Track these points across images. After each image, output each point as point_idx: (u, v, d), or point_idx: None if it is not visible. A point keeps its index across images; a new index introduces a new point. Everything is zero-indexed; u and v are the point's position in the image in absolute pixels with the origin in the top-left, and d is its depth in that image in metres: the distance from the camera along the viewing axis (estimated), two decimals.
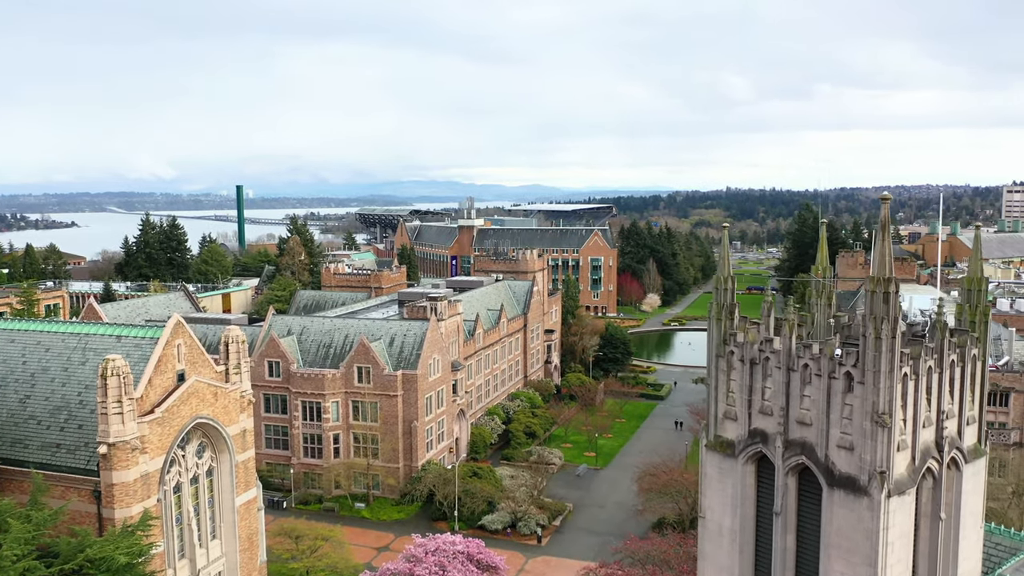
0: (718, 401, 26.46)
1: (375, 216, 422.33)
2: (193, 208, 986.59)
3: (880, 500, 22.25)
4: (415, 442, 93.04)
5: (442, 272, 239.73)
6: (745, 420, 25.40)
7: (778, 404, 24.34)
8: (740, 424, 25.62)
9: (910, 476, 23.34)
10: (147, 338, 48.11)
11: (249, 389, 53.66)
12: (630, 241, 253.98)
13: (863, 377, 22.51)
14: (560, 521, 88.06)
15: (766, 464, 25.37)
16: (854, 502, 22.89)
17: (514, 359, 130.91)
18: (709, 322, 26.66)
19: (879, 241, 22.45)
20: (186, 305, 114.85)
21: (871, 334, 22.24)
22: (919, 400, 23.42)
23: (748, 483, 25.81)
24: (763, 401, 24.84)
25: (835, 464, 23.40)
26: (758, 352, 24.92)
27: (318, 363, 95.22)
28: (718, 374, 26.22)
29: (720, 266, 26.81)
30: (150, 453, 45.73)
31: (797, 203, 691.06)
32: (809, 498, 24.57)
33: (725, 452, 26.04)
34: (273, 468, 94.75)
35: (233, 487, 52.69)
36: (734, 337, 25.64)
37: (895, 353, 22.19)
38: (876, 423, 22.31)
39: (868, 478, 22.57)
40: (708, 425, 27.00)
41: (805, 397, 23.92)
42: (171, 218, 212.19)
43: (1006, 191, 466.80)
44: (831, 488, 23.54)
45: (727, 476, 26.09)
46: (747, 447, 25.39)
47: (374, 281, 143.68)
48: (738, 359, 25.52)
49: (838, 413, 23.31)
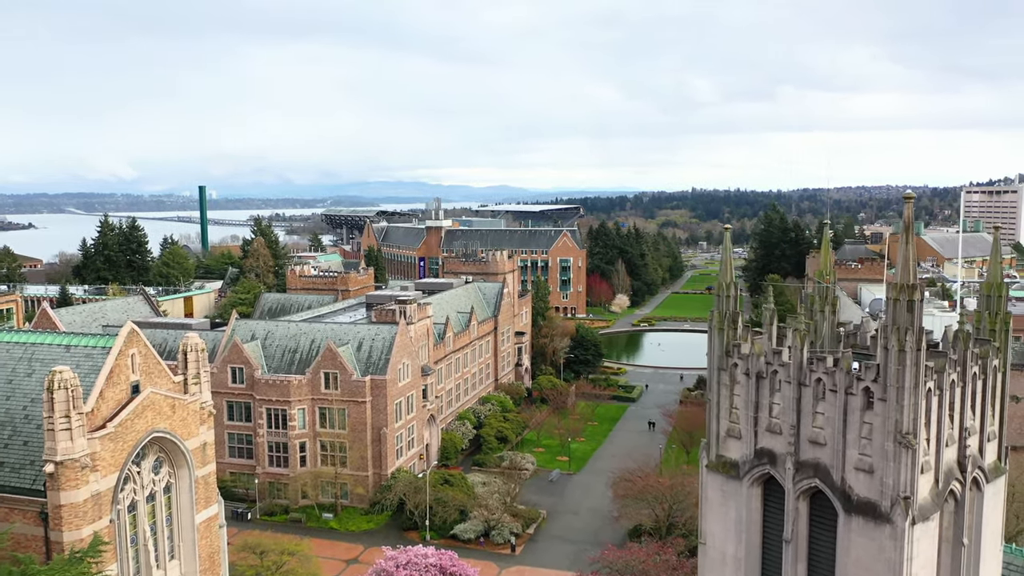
0: (720, 418, 24.33)
1: (341, 217, 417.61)
2: (155, 209, 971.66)
3: (904, 528, 20.28)
4: (384, 449, 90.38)
5: (410, 274, 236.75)
6: (751, 439, 23.33)
7: (788, 422, 22.29)
8: (745, 443, 23.54)
9: (934, 500, 21.41)
10: (98, 348, 45.03)
11: (209, 400, 50.72)
12: (599, 242, 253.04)
13: (885, 393, 20.53)
14: (534, 529, 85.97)
15: (774, 487, 23.32)
16: (874, 530, 20.90)
17: (485, 362, 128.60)
18: (710, 332, 24.56)
19: (903, 244, 20.45)
20: (145, 309, 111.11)
21: (894, 346, 20.26)
22: (943, 417, 21.51)
23: (754, 507, 23.74)
24: (771, 418, 22.78)
25: (853, 488, 21.40)
26: (765, 365, 22.86)
27: (283, 369, 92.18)
28: (720, 388, 24.11)
29: (722, 271, 24.69)
30: (102, 471, 42.70)
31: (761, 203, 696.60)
32: (823, 525, 22.56)
33: (728, 473, 23.95)
34: (237, 478, 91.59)
35: (193, 504, 49.70)
36: (738, 348, 23.55)
37: (920, 367, 20.24)
38: (900, 444, 20.34)
39: (891, 504, 20.59)
40: (709, 444, 24.86)
41: (818, 414, 21.89)
42: (131, 219, 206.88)
43: (964, 192, 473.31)
44: (848, 514, 21.54)
45: (730, 499, 23.99)
46: (753, 468, 23.32)
47: (341, 283, 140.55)
48: (742, 372, 23.44)
49: (856, 432, 21.31)
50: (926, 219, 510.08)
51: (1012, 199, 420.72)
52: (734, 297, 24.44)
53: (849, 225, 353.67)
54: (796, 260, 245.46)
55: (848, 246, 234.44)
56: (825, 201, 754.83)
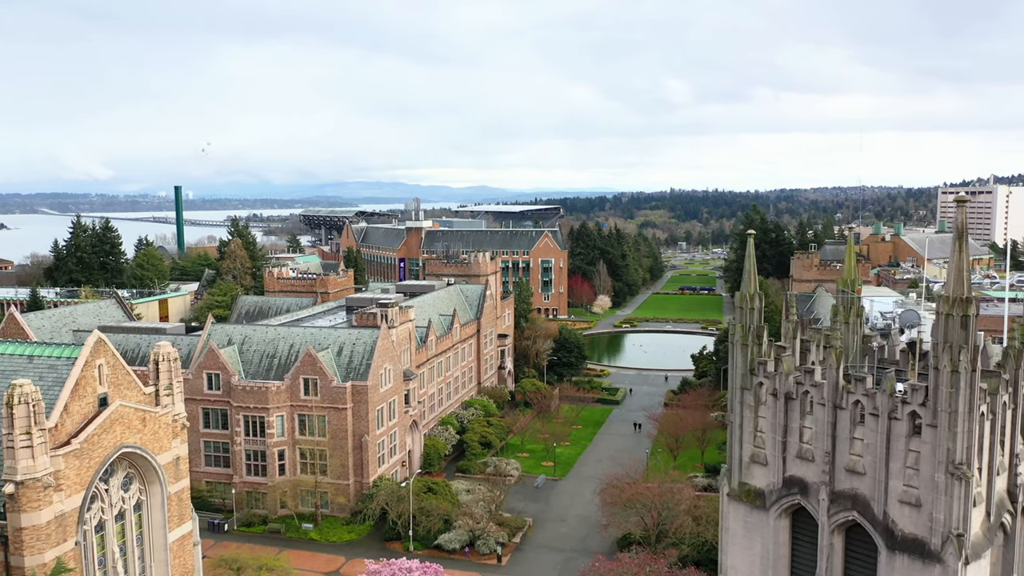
0: (743, 442, 22.20)
1: (320, 218, 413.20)
2: (130, 209, 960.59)
3: (957, 569, 18.26)
4: (366, 457, 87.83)
5: (390, 275, 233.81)
6: (778, 466, 21.23)
7: (821, 448, 20.22)
8: (771, 470, 21.43)
9: (986, 536, 19.41)
10: (63, 358, 42.40)
11: (182, 412, 48.15)
12: (580, 242, 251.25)
13: (935, 419, 18.47)
14: (520, 538, 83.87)
15: (805, 519, 21.24)
16: (922, 570, 18.84)
17: (467, 366, 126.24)
18: (731, 348, 22.42)
19: (956, 253, 18.38)
20: (118, 313, 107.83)
21: (946, 366, 18.20)
22: (995, 443, 19.51)
23: (781, 540, 21.64)
24: (801, 444, 20.70)
25: (896, 523, 19.34)
26: (795, 385, 20.75)
27: (261, 375, 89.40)
28: (743, 410, 21.97)
29: (745, 281, 22.54)
30: (66, 490, 40.12)
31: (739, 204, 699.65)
32: (860, 562, 20.47)
33: (753, 503, 21.82)
34: (213, 488, 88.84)
35: (165, 522, 47.16)
36: (763, 366, 21.42)
37: (975, 389, 18.18)
38: (952, 475, 18.31)
39: (941, 542, 18.54)
40: (730, 470, 22.71)
41: (856, 440, 19.82)
42: (104, 220, 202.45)
43: (941, 192, 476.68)
44: (891, 552, 19.47)
45: (754, 531, 21.87)
46: (781, 498, 21.22)
47: (320, 286, 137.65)
48: (769, 392, 21.33)
49: (900, 461, 19.27)
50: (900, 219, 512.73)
51: (987, 200, 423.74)
52: (759, 310, 22.24)
53: (828, 225, 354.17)
54: (777, 261, 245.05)
55: (829, 246, 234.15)
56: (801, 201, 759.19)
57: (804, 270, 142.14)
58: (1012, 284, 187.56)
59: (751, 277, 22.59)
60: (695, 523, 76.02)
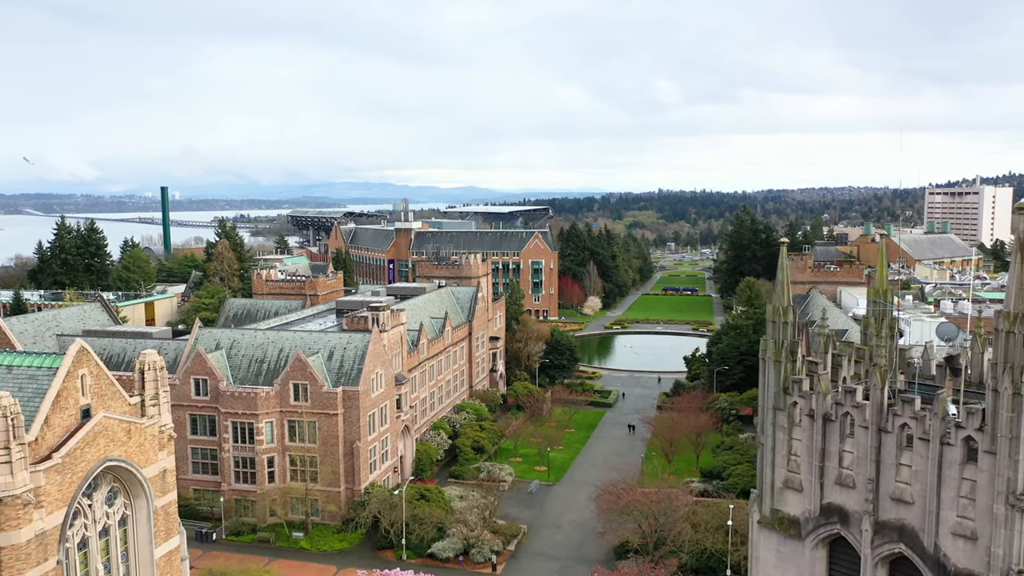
0: (775, 466, 20.66)
1: (308, 218, 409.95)
2: (116, 210, 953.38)
3: None
4: (357, 464, 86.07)
5: (379, 276, 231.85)
6: (815, 492, 19.72)
7: (864, 474, 18.73)
8: (807, 497, 19.92)
9: None
10: (44, 368, 40.49)
11: (169, 423, 46.29)
12: (570, 243, 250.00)
13: (993, 445, 17.00)
14: (515, 545, 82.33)
15: (844, 550, 19.75)
16: None
17: (459, 369, 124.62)
18: (763, 364, 20.88)
19: (1018, 266, 16.89)
20: (103, 317, 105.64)
21: (1007, 389, 16.70)
22: None
23: (818, 572, 20.14)
24: (841, 469, 19.21)
25: (949, 557, 17.85)
26: (834, 406, 19.24)
27: (250, 380, 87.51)
28: (775, 431, 20.44)
29: (778, 292, 20.98)
30: (47, 507, 38.24)
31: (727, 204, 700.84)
32: None
33: (786, 532, 20.30)
34: (201, 495, 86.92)
35: (151, 537, 45.28)
36: (798, 385, 19.90)
37: None
38: (1013, 506, 16.85)
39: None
40: (761, 495, 21.19)
41: (903, 467, 18.32)
42: (89, 221, 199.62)
43: (928, 193, 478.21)
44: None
45: (788, 562, 20.36)
46: (818, 528, 19.72)
47: (309, 288, 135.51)
48: (805, 413, 19.81)
49: (954, 490, 17.78)
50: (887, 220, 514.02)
51: (974, 200, 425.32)
52: (792, 324, 20.63)
53: (817, 226, 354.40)
54: (767, 261, 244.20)
55: (819, 247, 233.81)
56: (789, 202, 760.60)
57: (798, 272, 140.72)
58: (1002, 285, 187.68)
59: (784, 289, 21.04)
60: (694, 530, 74.68)
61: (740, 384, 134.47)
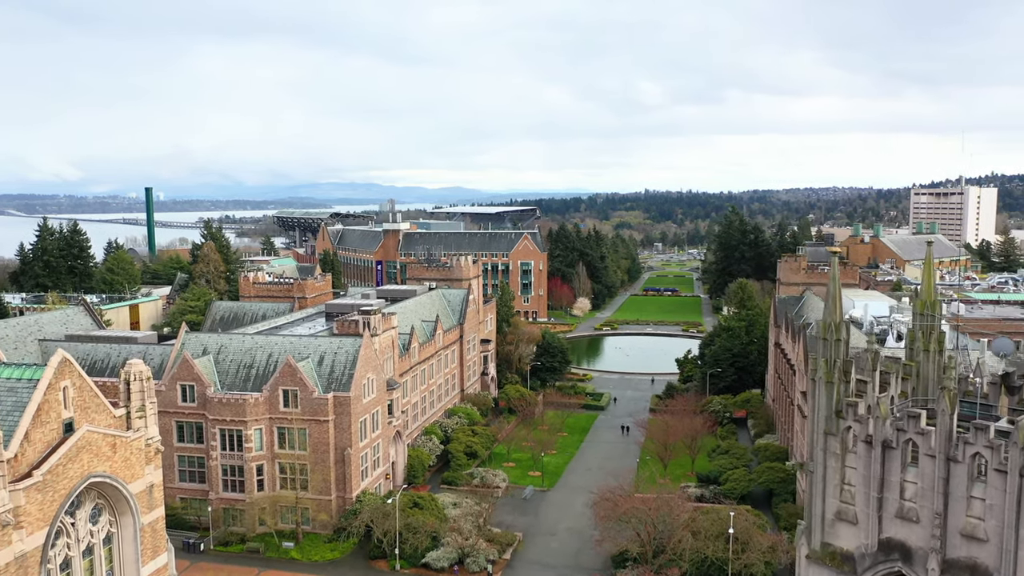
0: (826, 496, 19.06)
1: (294, 219, 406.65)
2: (100, 211, 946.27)
3: None
4: (349, 471, 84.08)
5: (367, 278, 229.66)
6: (872, 526, 18.16)
7: (930, 508, 17.18)
8: (863, 531, 18.38)
9: None
10: (24, 380, 38.50)
11: (156, 436, 44.35)
12: (559, 244, 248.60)
13: None
14: (511, 554, 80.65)
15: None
16: None
17: (450, 372, 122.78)
18: (813, 385, 19.26)
19: None
20: (87, 320, 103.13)
21: None
22: None
23: None
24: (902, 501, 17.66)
25: None
26: (895, 432, 17.63)
27: (238, 386, 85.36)
28: (827, 458, 18.84)
29: (829, 308, 19.36)
30: (28, 527, 36.28)
31: (713, 204, 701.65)
32: None
33: (839, 568, 18.77)
34: (188, 504, 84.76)
35: (138, 555, 43.37)
36: (854, 408, 18.28)
37: None
38: None
39: None
40: (810, 528, 19.56)
41: (975, 500, 16.75)
42: (72, 222, 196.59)
43: (913, 193, 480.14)
44: None
45: None
46: (876, 564, 18.19)
47: (297, 290, 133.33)
48: (861, 439, 18.22)
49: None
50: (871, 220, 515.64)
51: (958, 201, 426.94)
52: (846, 342, 18.97)
53: (805, 227, 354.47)
54: (756, 262, 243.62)
55: (809, 248, 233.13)
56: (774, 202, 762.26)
57: (791, 273, 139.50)
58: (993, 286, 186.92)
59: (836, 304, 19.41)
60: (694, 538, 73.13)
61: (733, 387, 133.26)
